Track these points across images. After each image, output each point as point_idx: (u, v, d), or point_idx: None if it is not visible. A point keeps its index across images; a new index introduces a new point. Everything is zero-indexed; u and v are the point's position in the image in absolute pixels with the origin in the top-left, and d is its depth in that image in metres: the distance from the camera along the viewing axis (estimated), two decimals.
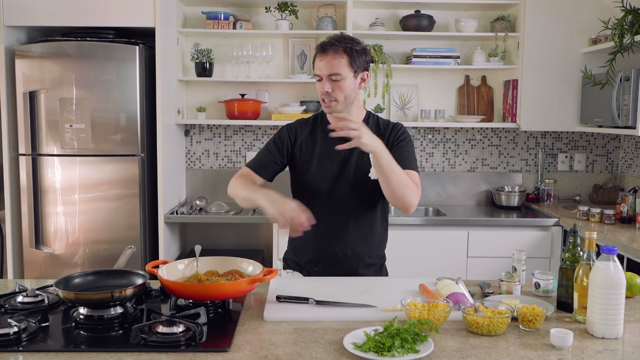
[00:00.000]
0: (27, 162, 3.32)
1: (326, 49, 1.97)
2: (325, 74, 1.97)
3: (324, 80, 1.98)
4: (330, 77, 1.97)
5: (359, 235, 2.09)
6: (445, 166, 4.04)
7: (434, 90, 3.99)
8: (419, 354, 1.36)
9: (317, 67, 2.00)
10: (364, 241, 2.11)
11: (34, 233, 3.35)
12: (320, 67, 1.98)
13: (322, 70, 1.97)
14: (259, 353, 1.40)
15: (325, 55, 1.97)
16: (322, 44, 2.00)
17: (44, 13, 3.28)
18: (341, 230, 2.05)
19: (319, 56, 1.99)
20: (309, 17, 3.88)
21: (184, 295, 1.65)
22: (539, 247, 3.40)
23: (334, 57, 1.96)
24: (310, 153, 2.09)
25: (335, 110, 2.02)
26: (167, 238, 3.48)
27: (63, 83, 3.27)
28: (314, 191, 2.09)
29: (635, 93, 3.07)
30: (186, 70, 3.88)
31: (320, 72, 1.98)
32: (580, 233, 1.72)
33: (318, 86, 2.01)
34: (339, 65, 1.96)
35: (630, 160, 3.90)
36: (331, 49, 1.97)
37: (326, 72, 1.97)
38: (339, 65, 1.96)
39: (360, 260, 2.12)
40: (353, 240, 2.08)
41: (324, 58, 1.97)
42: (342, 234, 2.06)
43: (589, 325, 1.55)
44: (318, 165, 2.08)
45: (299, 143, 2.11)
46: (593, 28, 3.53)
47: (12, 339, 1.43)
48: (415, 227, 3.44)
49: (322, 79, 1.98)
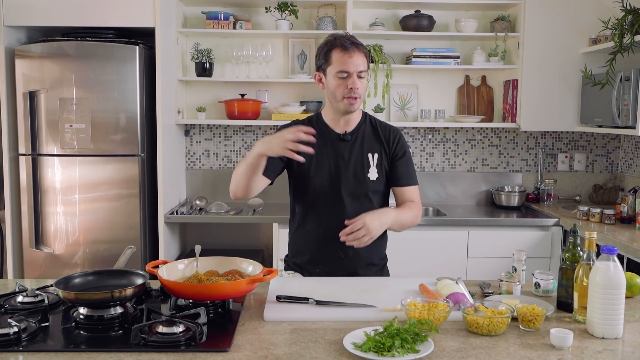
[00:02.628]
0: (27, 162, 3.32)
1: (351, 47, 1.98)
2: (354, 71, 1.97)
3: (353, 76, 1.98)
4: (359, 74, 1.98)
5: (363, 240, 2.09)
6: (445, 166, 4.04)
7: (434, 90, 3.99)
8: (419, 354, 1.36)
9: (344, 62, 1.97)
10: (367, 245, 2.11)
11: (34, 233, 3.35)
12: (350, 63, 1.97)
13: (351, 66, 1.97)
14: (259, 353, 1.40)
15: (353, 52, 1.97)
16: (343, 41, 1.99)
17: (44, 13, 3.28)
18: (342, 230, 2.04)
19: (347, 53, 1.97)
20: (309, 17, 3.88)
21: (184, 295, 1.65)
22: (539, 247, 3.40)
23: (360, 55, 1.99)
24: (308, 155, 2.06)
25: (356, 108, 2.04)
26: (167, 238, 3.48)
27: (63, 83, 3.27)
28: (314, 193, 2.09)
29: (635, 93, 3.07)
30: (186, 70, 3.88)
31: (350, 68, 1.97)
32: (580, 233, 1.72)
33: (341, 83, 1.98)
34: (364, 63, 2.00)
35: (630, 160, 3.90)
36: (356, 47, 1.99)
37: (355, 69, 1.97)
38: (364, 63, 2.01)
39: (361, 261, 2.12)
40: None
41: (353, 55, 1.97)
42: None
43: (589, 325, 1.55)
44: (317, 167, 2.08)
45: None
46: (593, 28, 3.53)
47: (12, 339, 1.43)
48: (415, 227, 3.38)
49: (350, 75, 1.98)
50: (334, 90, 2.01)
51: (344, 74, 1.98)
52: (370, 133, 2.12)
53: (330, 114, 2.11)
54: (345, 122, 2.10)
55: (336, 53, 1.99)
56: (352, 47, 1.98)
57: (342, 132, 2.10)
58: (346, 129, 2.11)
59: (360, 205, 2.08)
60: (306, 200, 2.11)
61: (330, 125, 2.11)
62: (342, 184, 2.07)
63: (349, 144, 2.09)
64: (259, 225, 3.87)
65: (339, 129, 2.11)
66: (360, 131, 2.11)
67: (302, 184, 2.11)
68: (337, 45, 1.99)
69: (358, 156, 2.08)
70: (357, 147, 2.09)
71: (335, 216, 2.05)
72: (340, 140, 2.09)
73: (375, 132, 2.12)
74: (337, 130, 2.11)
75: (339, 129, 2.11)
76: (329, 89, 2.04)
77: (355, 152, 2.08)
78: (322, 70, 2.05)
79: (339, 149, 2.09)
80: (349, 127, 2.11)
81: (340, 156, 2.08)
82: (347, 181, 2.07)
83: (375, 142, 2.11)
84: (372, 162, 2.09)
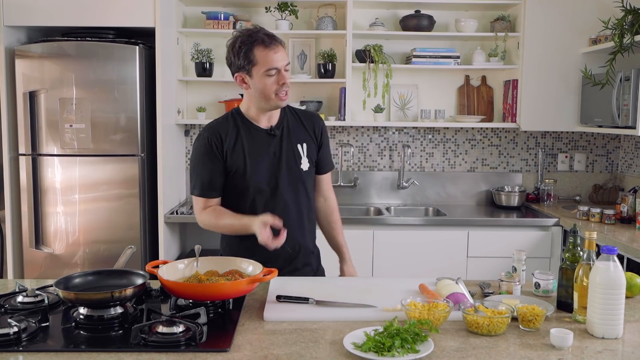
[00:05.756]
0: (27, 162, 3.32)
1: (272, 42, 1.93)
2: (282, 66, 1.94)
3: (282, 72, 1.94)
4: (286, 67, 1.95)
5: (303, 228, 2.09)
6: (445, 166, 4.04)
7: (434, 90, 3.98)
8: (419, 354, 1.36)
9: (271, 60, 1.91)
10: (308, 233, 2.12)
11: (34, 233, 3.35)
12: (277, 59, 1.92)
13: (278, 62, 1.93)
14: (259, 353, 1.40)
15: (276, 47, 1.93)
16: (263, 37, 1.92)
17: (44, 13, 3.28)
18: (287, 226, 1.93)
19: (271, 49, 1.92)
20: (309, 17, 3.88)
21: (184, 295, 1.65)
22: (539, 247, 3.40)
23: (281, 49, 1.95)
24: (240, 154, 2.01)
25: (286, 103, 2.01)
26: (167, 238, 3.48)
27: (63, 83, 3.27)
28: (253, 192, 2.03)
29: (635, 93, 3.07)
30: (186, 70, 3.88)
31: (277, 64, 1.93)
32: (580, 233, 1.72)
33: (272, 80, 1.93)
34: (287, 56, 1.98)
35: (630, 160, 3.90)
36: (275, 41, 1.94)
37: (283, 64, 1.94)
38: (286, 55, 1.98)
39: (308, 253, 2.13)
40: (299, 234, 2.07)
41: (278, 50, 1.93)
42: (289, 231, 1.92)
43: (589, 325, 1.55)
44: (252, 165, 2.01)
45: (226, 145, 2.00)
46: (593, 28, 3.53)
47: (12, 339, 1.43)
48: (415, 227, 3.44)
49: (280, 70, 1.94)
50: (264, 89, 1.95)
51: (273, 71, 1.93)
52: (295, 124, 2.10)
53: (254, 110, 2.04)
54: (269, 116, 2.05)
55: (259, 51, 1.91)
56: (272, 43, 1.93)
57: (268, 128, 2.05)
58: (271, 123, 2.06)
59: (299, 197, 2.07)
60: (245, 202, 2.04)
61: (255, 122, 2.05)
62: (280, 179, 2.03)
63: (277, 138, 2.05)
64: None
65: (263, 124, 2.05)
66: (284, 124, 2.08)
67: (241, 184, 2.02)
68: (257, 43, 1.92)
69: (289, 149, 2.06)
70: (285, 140, 2.06)
71: (277, 213, 1.95)
72: (270, 136, 2.05)
73: (299, 122, 2.11)
74: (262, 126, 2.05)
75: (264, 125, 2.05)
76: (256, 89, 1.96)
77: (285, 146, 2.05)
78: (246, 71, 1.95)
79: (270, 144, 2.04)
80: (273, 120, 2.06)
81: (273, 152, 2.04)
82: (284, 176, 2.04)
83: (302, 132, 2.10)
84: (302, 152, 2.07)
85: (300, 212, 2.08)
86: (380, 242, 3.38)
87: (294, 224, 2.04)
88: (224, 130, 2.02)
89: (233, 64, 1.97)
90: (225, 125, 2.03)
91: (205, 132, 2.02)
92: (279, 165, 2.04)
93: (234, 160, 2.00)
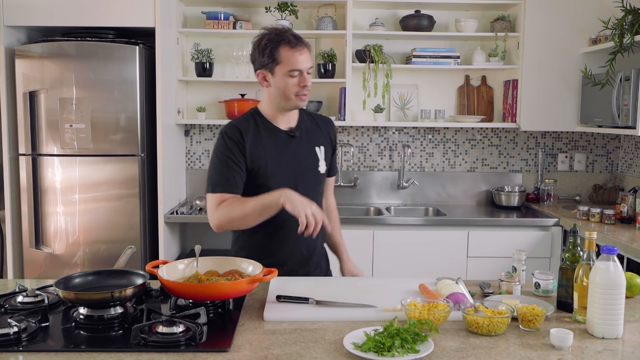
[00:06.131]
0: (27, 162, 3.32)
1: (299, 44, 1.94)
2: (305, 68, 1.95)
3: (304, 74, 1.95)
4: (308, 70, 1.97)
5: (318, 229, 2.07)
6: (445, 166, 4.04)
7: (434, 90, 3.99)
8: (419, 354, 1.36)
9: (295, 60, 1.92)
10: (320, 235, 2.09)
11: (34, 233, 3.35)
12: (301, 60, 1.93)
13: (302, 64, 1.94)
14: (259, 353, 1.40)
15: (302, 49, 1.94)
16: (289, 38, 1.93)
17: (44, 13, 3.28)
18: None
19: (296, 50, 1.93)
20: (309, 17, 3.88)
21: (184, 295, 1.65)
22: (539, 247, 3.40)
23: (307, 51, 1.96)
24: (262, 153, 2.01)
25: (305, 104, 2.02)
26: (167, 238, 3.48)
27: (63, 83, 3.27)
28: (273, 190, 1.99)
29: (635, 93, 3.07)
30: (186, 70, 3.88)
31: (301, 66, 1.94)
32: (580, 233, 1.72)
33: (294, 81, 1.94)
34: (311, 59, 1.99)
35: (630, 160, 3.90)
36: (301, 43, 1.95)
37: (306, 66, 1.95)
38: (310, 58, 1.99)
39: (320, 255, 2.15)
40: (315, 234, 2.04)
41: (303, 52, 1.94)
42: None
43: (589, 325, 1.55)
44: (272, 165, 2.01)
45: (248, 144, 1.99)
46: (593, 28, 3.53)
47: (12, 339, 1.43)
48: (415, 227, 3.44)
49: (302, 72, 1.95)
50: (284, 89, 1.95)
51: (296, 72, 1.94)
52: (312, 126, 2.11)
53: (273, 110, 2.04)
54: (288, 118, 2.06)
55: (285, 51, 1.92)
56: (299, 44, 1.94)
57: (288, 129, 2.05)
58: (290, 125, 2.06)
59: (316, 199, 2.05)
60: None
61: (274, 123, 2.05)
62: (300, 181, 2.03)
63: (297, 140, 2.05)
64: None
65: (283, 125, 2.05)
66: (303, 126, 2.09)
67: (260, 184, 2.00)
68: (284, 43, 1.92)
69: (308, 151, 2.07)
70: (305, 142, 2.07)
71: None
72: (290, 137, 2.05)
73: (316, 125, 2.13)
74: (281, 127, 2.05)
75: (283, 126, 2.05)
76: (277, 88, 1.96)
77: (305, 148, 2.06)
78: (269, 68, 1.95)
79: (290, 146, 2.04)
80: (291, 123, 2.07)
81: (293, 153, 2.04)
82: (304, 178, 2.05)
83: (320, 135, 2.12)
84: (320, 155, 2.08)
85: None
86: (380, 242, 3.38)
87: None
88: (245, 129, 2.01)
89: (257, 60, 1.97)
90: (245, 125, 2.02)
91: (227, 130, 2.01)
92: (299, 167, 2.05)
93: (255, 160, 1.99)
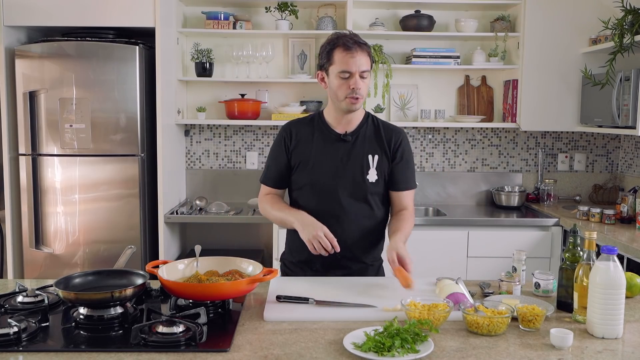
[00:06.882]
0: (27, 162, 3.32)
1: (354, 47, 1.97)
2: (356, 71, 1.97)
3: (355, 76, 1.97)
4: (362, 73, 1.98)
5: (357, 236, 2.08)
6: (445, 166, 4.04)
7: (434, 90, 3.99)
8: (419, 354, 1.36)
9: (346, 62, 1.96)
10: (362, 242, 2.10)
11: (34, 233, 3.35)
12: (352, 62, 1.96)
13: (354, 66, 1.97)
14: (259, 353, 1.40)
15: (355, 52, 1.97)
16: (346, 40, 1.98)
17: (44, 13, 3.28)
18: (339, 230, 2.02)
19: (349, 52, 1.96)
20: (309, 17, 3.88)
21: (184, 295, 1.65)
22: (539, 247, 3.40)
23: (363, 55, 1.98)
24: (308, 152, 2.09)
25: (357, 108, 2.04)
26: (167, 238, 3.48)
27: (63, 83, 3.27)
28: (312, 193, 2.08)
29: (635, 93, 3.07)
30: (186, 70, 3.88)
31: (352, 68, 1.97)
32: (580, 233, 1.72)
33: (344, 83, 1.98)
34: (367, 63, 2.00)
35: (630, 160, 3.90)
36: (358, 46, 1.98)
37: (358, 69, 1.97)
38: (368, 63, 2.00)
39: (357, 262, 2.12)
40: (351, 240, 2.06)
41: (355, 55, 1.97)
42: (340, 234, 2.00)
43: (589, 325, 1.55)
44: (315, 164, 2.07)
45: (296, 141, 2.11)
46: (593, 28, 3.52)
47: (12, 339, 1.43)
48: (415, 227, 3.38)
49: (352, 75, 1.97)
50: (336, 90, 2.01)
51: (346, 74, 1.97)
52: (372, 134, 2.11)
53: (332, 112, 2.10)
54: (346, 121, 2.09)
55: (339, 52, 1.98)
56: (354, 47, 1.97)
57: (343, 132, 2.09)
58: (347, 129, 2.10)
59: (359, 207, 2.08)
60: (304, 200, 2.11)
61: (332, 125, 2.10)
62: (340, 185, 2.06)
63: (348, 145, 2.08)
64: (259, 225, 3.87)
65: (340, 128, 2.10)
66: (361, 132, 2.10)
67: (301, 180, 2.11)
68: (339, 45, 1.99)
69: (358, 157, 2.07)
70: (357, 148, 2.08)
71: (332, 217, 2.04)
72: (340, 141, 2.09)
73: (377, 133, 2.11)
74: (338, 130, 2.10)
75: (340, 129, 2.10)
76: (331, 89, 2.04)
77: (355, 153, 2.08)
78: (325, 69, 2.04)
79: (338, 149, 2.08)
80: (350, 127, 2.10)
81: (340, 157, 2.07)
82: (346, 183, 2.06)
83: (376, 143, 2.10)
84: (371, 163, 2.08)
85: (356, 219, 2.07)
86: None
87: (348, 231, 2.06)
88: (300, 128, 2.13)
89: (318, 61, 2.09)
90: (303, 124, 2.15)
91: (285, 125, 2.17)
92: (342, 171, 2.06)
93: (298, 156, 2.09)
